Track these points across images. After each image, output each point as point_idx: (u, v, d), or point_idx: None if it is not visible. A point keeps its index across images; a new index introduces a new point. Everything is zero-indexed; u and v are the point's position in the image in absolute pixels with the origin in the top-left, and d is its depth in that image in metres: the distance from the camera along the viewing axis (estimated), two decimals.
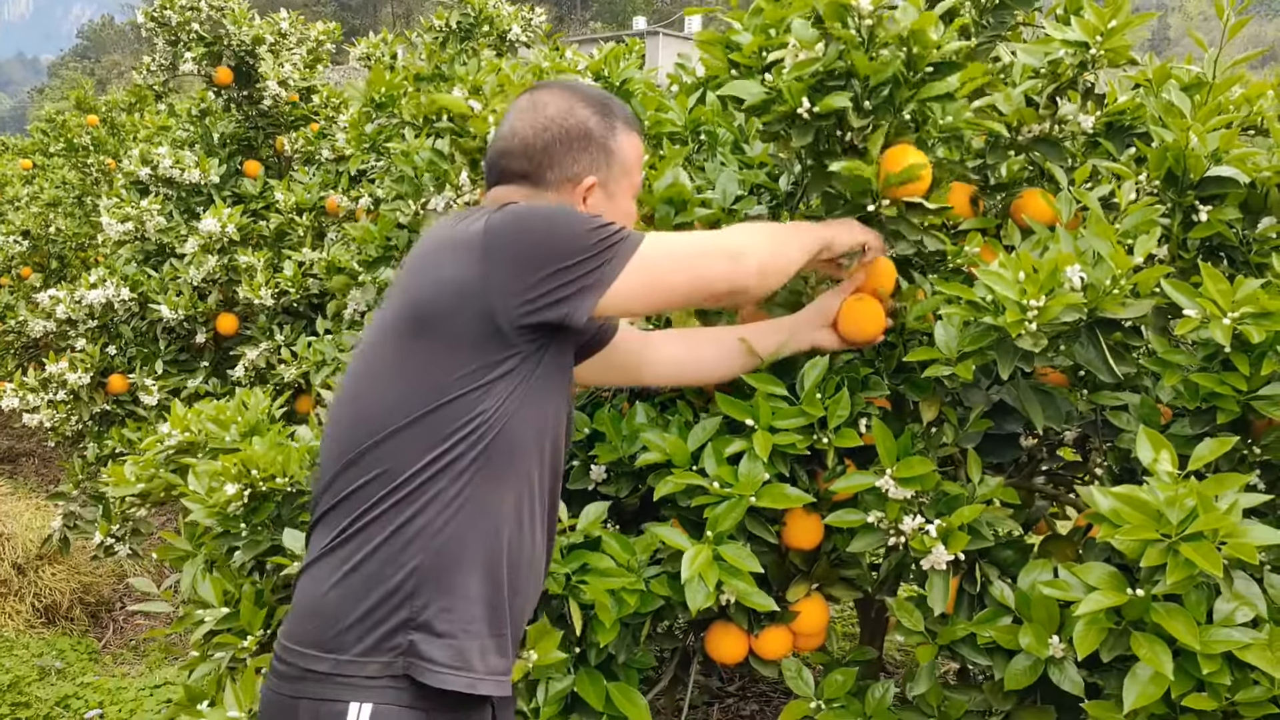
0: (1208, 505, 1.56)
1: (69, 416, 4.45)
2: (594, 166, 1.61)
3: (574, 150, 1.59)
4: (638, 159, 1.67)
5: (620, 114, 1.64)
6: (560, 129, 1.59)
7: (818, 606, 2.09)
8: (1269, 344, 1.74)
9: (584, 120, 1.60)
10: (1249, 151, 2.01)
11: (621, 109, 1.65)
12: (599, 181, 1.61)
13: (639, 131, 1.67)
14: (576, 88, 1.64)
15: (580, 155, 1.59)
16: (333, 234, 4.25)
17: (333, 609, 1.41)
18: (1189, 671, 1.63)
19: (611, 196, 1.63)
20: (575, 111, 1.60)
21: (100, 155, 7.15)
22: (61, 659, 4.17)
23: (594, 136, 1.60)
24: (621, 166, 1.63)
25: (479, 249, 1.43)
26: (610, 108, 1.63)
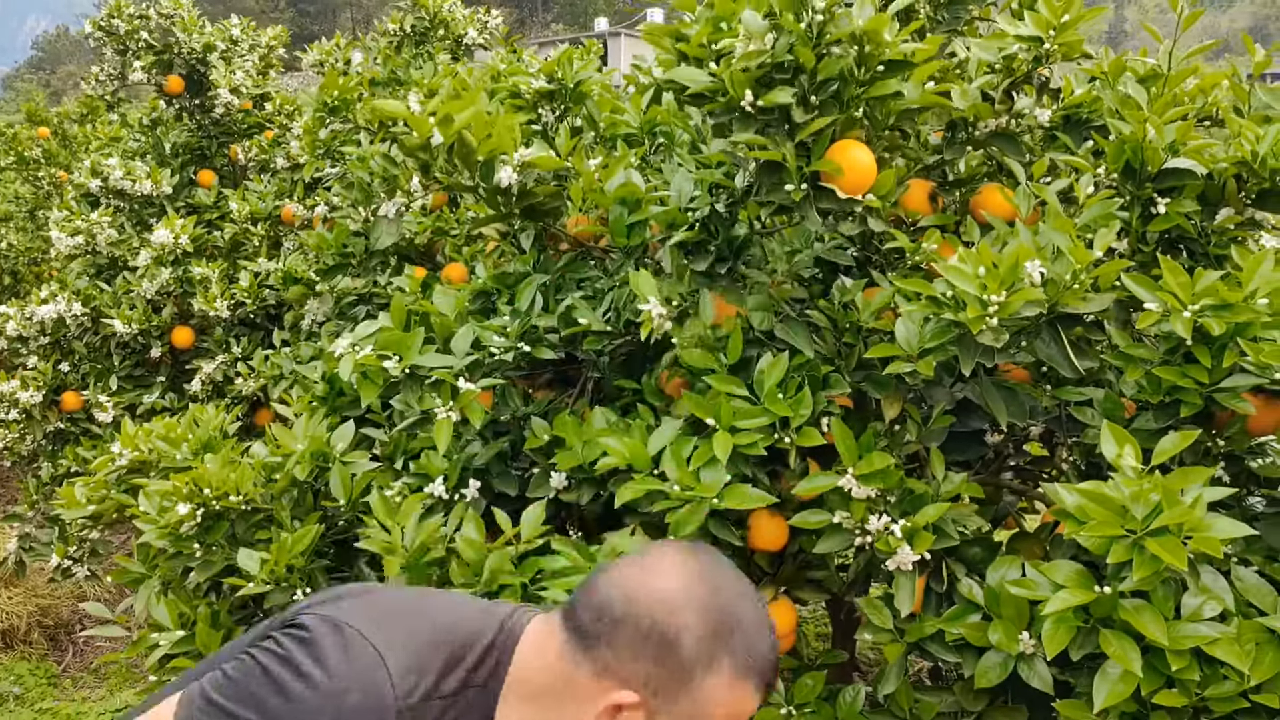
0: (1172, 500, 1.55)
1: (22, 436, 4.34)
2: (650, 686, 1.14)
3: (640, 650, 1.14)
4: (734, 715, 1.17)
5: (739, 651, 1.15)
6: (646, 616, 1.14)
7: (785, 610, 2.06)
8: (1229, 336, 1.73)
9: (680, 627, 1.13)
10: (1206, 143, 2.01)
11: (751, 647, 1.16)
12: (646, 706, 1.14)
13: (761, 683, 1.17)
14: (719, 586, 1.17)
15: (641, 659, 1.14)
16: (289, 244, 4.18)
17: None
18: (1158, 668, 1.62)
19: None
20: (680, 610, 1.14)
21: (52, 168, 7.02)
22: (20, 684, 4.08)
23: (679, 654, 1.13)
24: (695, 712, 1.15)
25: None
26: (732, 637, 1.14)
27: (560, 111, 2.46)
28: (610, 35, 30.17)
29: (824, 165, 1.80)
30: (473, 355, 2.02)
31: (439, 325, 2.13)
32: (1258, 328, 1.72)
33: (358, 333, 2.03)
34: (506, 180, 2.04)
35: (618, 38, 29.99)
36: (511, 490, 2.15)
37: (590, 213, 2.23)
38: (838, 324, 1.99)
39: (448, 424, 1.91)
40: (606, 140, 2.47)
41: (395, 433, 2.24)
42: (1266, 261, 1.74)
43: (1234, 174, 1.98)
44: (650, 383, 2.12)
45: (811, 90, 1.81)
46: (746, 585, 1.19)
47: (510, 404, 2.22)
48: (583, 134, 2.45)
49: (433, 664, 1.16)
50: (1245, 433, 1.87)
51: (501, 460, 2.20)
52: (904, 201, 2.16)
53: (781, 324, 1.98)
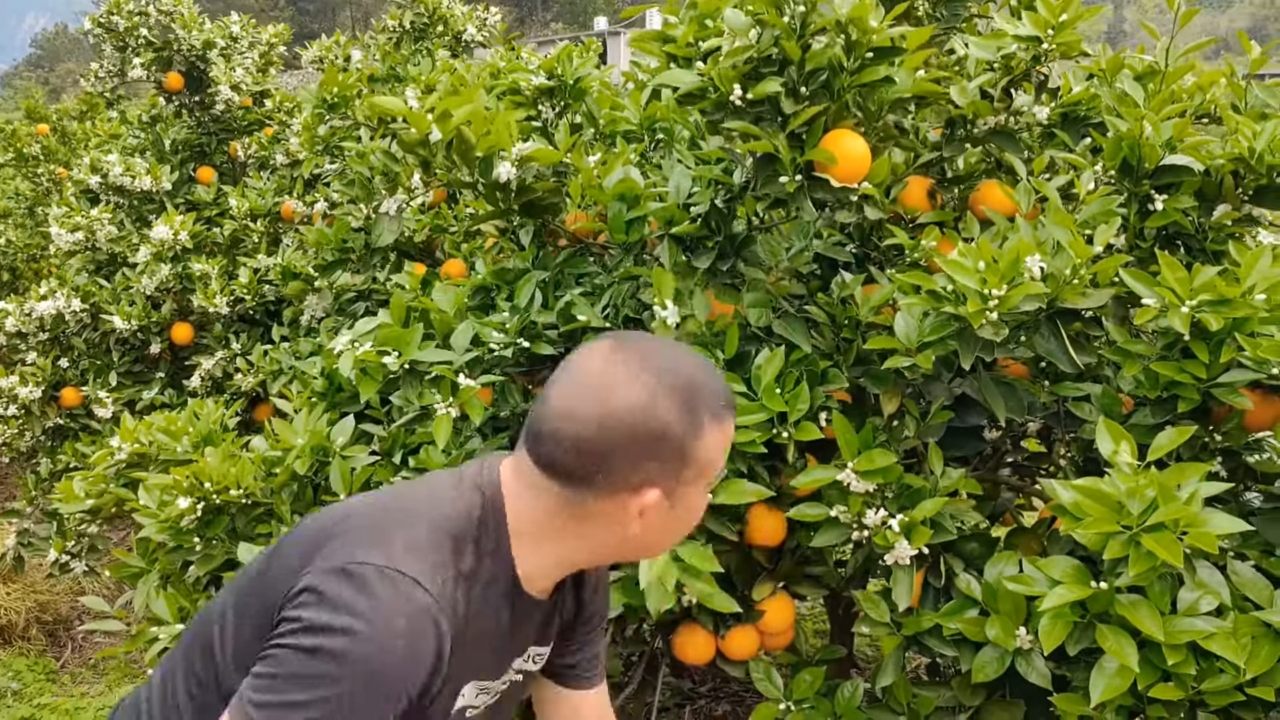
0: (1168, 495, 1.55)
1: (21, 432, 4.34)
2: (663, 474, 1.21)
3: (643, 457, 1.20)
4: (718, 452, 1.27)
5: (712, 404, 1.24)
6: (629, 430, 1.19)
7: (784, 605, 2.07)
8: (1227, 331, 1.74)
9: (664, 422, 1.19)
10: (1203, 139, 2.01)
11: (714, 396, 1.25)
12: (665, 491, 1.22)
13: (731, 410, 1.28)
14: (661, 366, 1.22)
15: (648, 462, 1.20)
16: (288, 240, 4.18)
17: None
18: (1155, 662, 1.63)
19: (676, 502, 1.25)
20: (654, 412, 1.19)
21: (51, 165, 7.01)
22: (18, 680, 4.07)
23: (671, 440, 1.20)
24: (698, 469, 1.24)
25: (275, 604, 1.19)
26: (698, 397, 1.22)
27: (560, 108, 2.46)
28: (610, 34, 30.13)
29: (817, 154, 1.81)
30: (472, 351, 2.02)
31: (438, 321, 2.14)
32: (1255, 323, 1.72)
33: (357, 329, 2.03)
34: (505, 175, 2.05)
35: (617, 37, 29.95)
36: None
37: (589, 209, 2.23)
38: (836, 319, 1.99)
39: (448, 419, 1.91)
40: (606, 137, 2.47)
41: (395, 428, 2.25)
42: (1264, 257, 1.75)
43: (1231, 170, 1.98)
44: None
45: (800, 81, 1.81)
46: (675, 345, 1.28)
47: (510, 400, 2.23)
48: (582, 131, 2.45)
49: (442, 554, 1.18)
50: (1242, 428, 1.88)
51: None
52: (903, 198, 2.17)
53: (779, 319, 1.98)
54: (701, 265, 2.00)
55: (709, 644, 2.05)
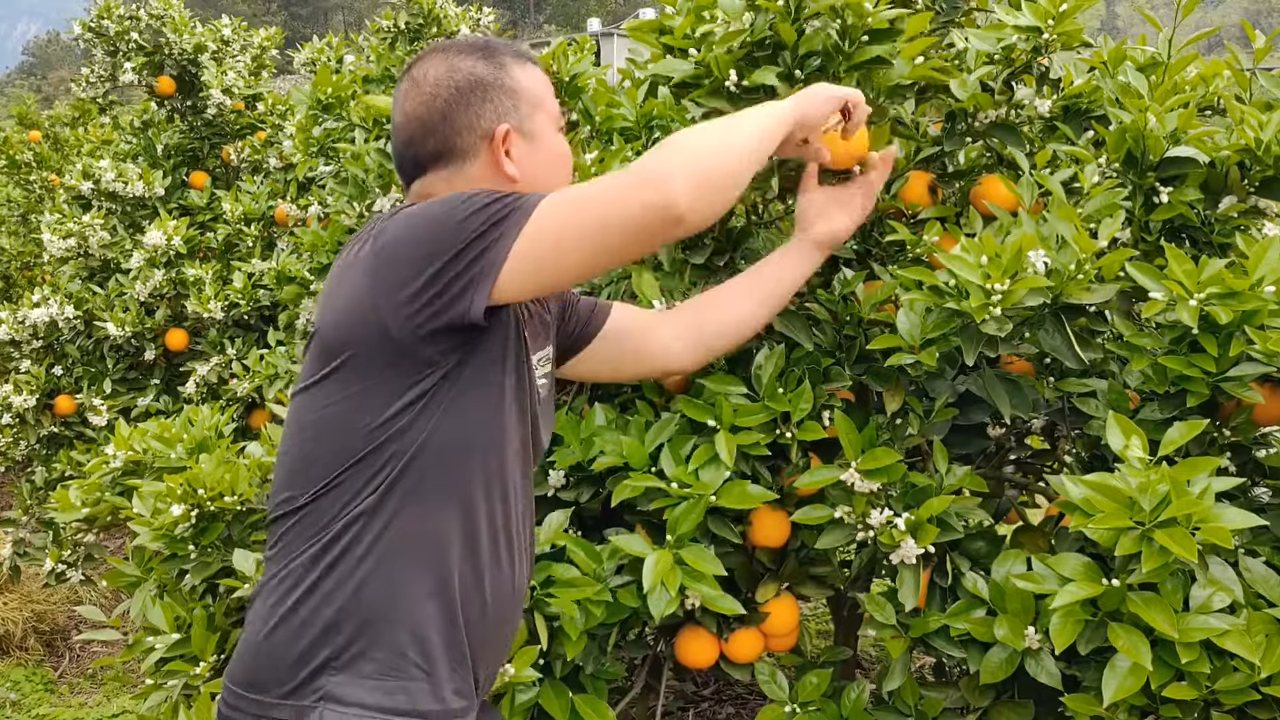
0: (1180, 491, 1.53)
1: (15, 440, 4.31)
2: (501, 113, 1.44)
3: (473, 104, 1.43)
4: (543, 88, 1.50)
5: (506, 50, 1.49)
6: (449, 89, 1.43)
7: (788, 606, 2.04)
8: (1236, 324, 1.71)
9: (470, 70, 1.44)
10: (1208, 130, 1.99)
11: (506, 45, 1.50)
12: (513, 126, 1.45)
13: (532, 60, 1.51)
14: (449, 44, 1.49)
15: (482, 106, 1.44)
16: (283, 244, 4.15)
17: (259, 651, 1.36)
18: (1168, 661, 1.60)
19: (531, 137, 1.47)
20: (457, 66, 1.45)
21: (43, 171, 6.98)
22: (16, 690, 4.04)
23: (487, 82, 1.44)
24: (529, 102, 1.47)
25: (370, 263, 1.31)
26: (493, 47, 1.48)
27: None
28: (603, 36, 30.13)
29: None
30: None
31: None
32: (1265, 315, 1.69)
33: None
34: None
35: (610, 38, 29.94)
36: None
37: None
38: (838, 316, 1.97)
39: None
40: (602, 134, 2.45)
41: None
42: (1273, 249, 1.72)
43: (1237, 161, 1.96)
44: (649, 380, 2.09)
45: (795, 65, 1.80)
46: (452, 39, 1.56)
47: None
48: (579, 128, 2.43)
49: None
50: (1251, 423, 1.85)
51: None
52: (904, 194, 2.14)
53: (780, 317, 1.95)
54: (697, 260, 1.97)
55: (712, 647, 2.02)
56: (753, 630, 2.02)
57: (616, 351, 1.73)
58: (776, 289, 1.78)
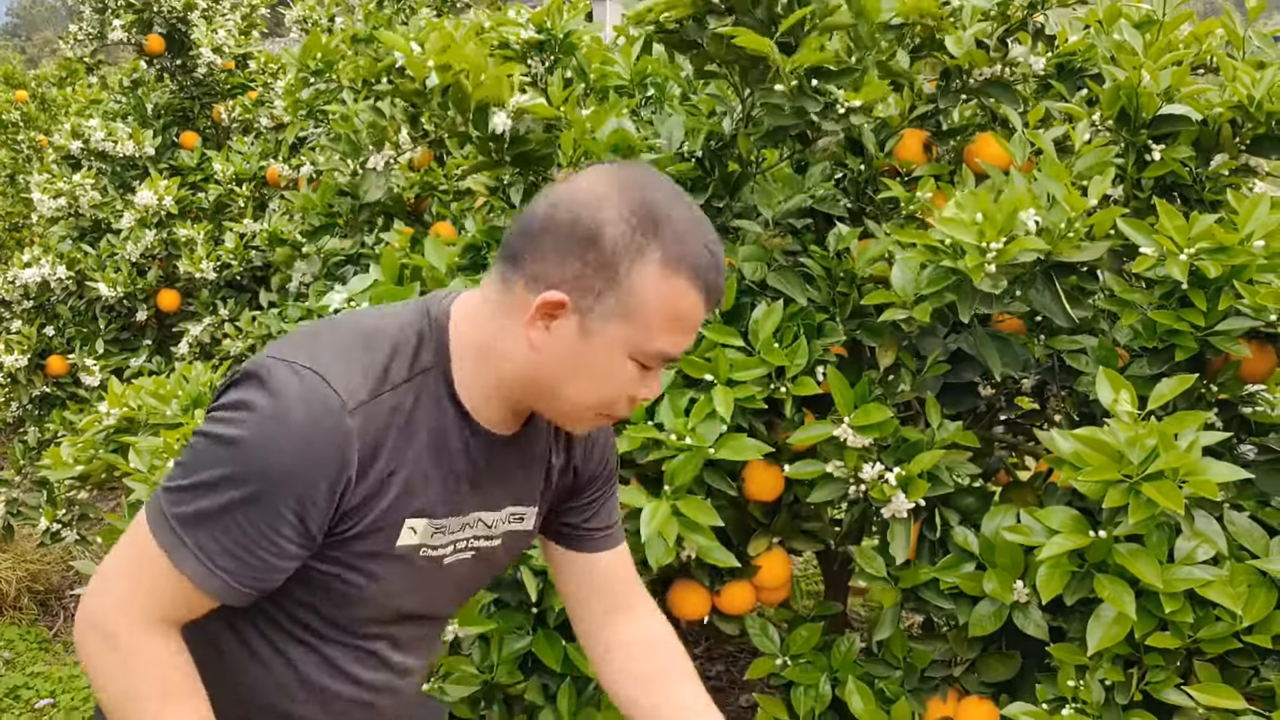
0: (1168, 444, 1.55)
1: (7, 401, 4.31)
2: (578, 285, 1.09)
3: (565, 250, 1.10)
4: (671, 313, 1.11)
5: (669, 243, 1.09)
6: (569, 215, 1.10)
7: (779, 560, 2.06)
8: (1225, 279, 1.73)
9: (603, 220, 1.09)
10: (1201, 88, 1.99)
11: (680, 239, 1.10)
12: (575, 307, 1.10)
13: (699, 283, 1.11)
14: (642, 182, 1.12)
15: (568, 260, 1.09)
16: (274, 205, 4.14)
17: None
18: (1151, 611, 1.63)
19: (590, 338, 1.11)
20: (604, 204, 1.10)
21: (31, 131, 6.91)
22: (10, 649, 4.06)
23: (602, 246, 1.09)
24: (623, 305, 1.10)
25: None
26: (656, 226, 1.09)
27: (550, 63, 2.43)
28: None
29: (807, 56, 1.78)
30: None
31: (431, 279, 2.11)
32: (1253, 270, 1.71)
33: (351, 286, 2.01)
34: (501, 126, 2.02)
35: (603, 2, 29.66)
36: None
37: (581, 163, 2.21)
38: (832, 272, 1.98)
39: None
40: (597, 91, 2.44)
41: None
42: (1262, 205, 1.74)
43: (1229, 119, 1.96)
44: None
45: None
46: (680, 192, 1.15)
47: None
48: (573, 85, 2.42)
49: (371, 362, 1.12)
50: (1238, 379, 1.87)
51: None
52: (898, 151, 2.15)
53: (774, 272, 1.96)
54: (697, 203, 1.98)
55: (705, 600, 2.04)
56: (745, 583, 2.05)
57: (577, 585, 1.45)
58: None
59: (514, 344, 1.14)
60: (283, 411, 1.06)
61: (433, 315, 1.19)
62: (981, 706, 1.88)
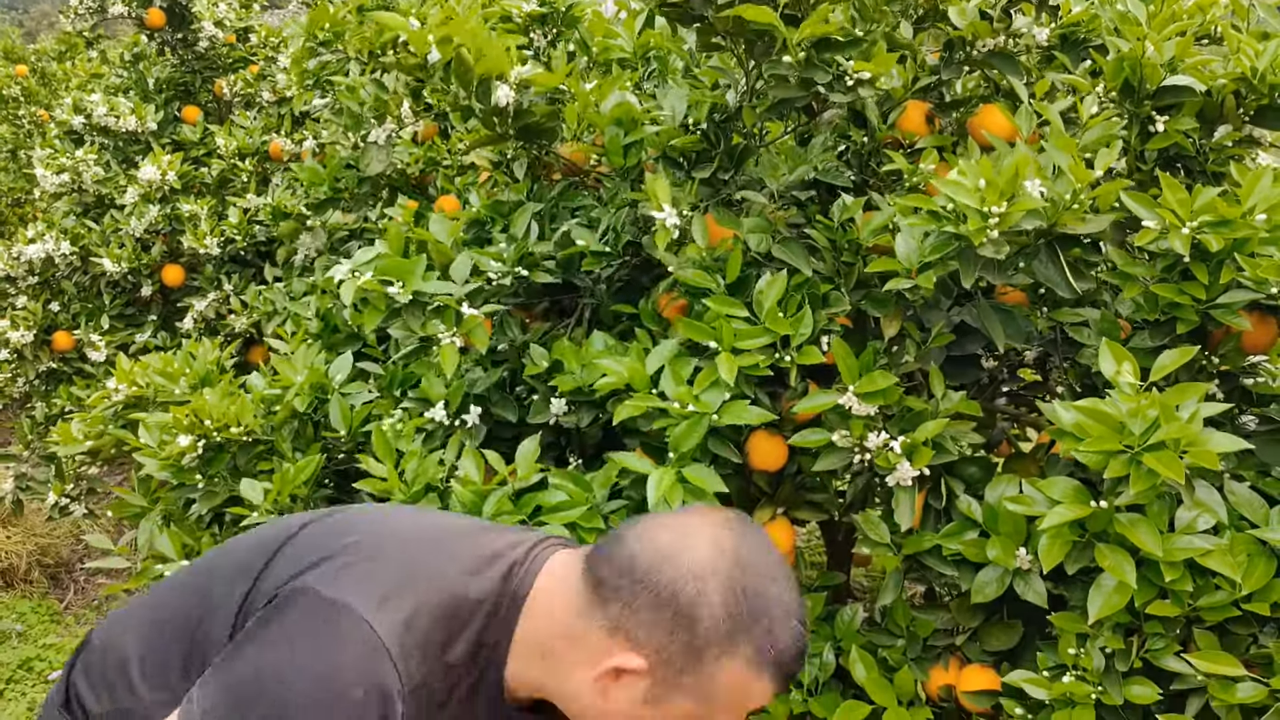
0: (1169, 415, 1.56)
1: (14, 376, 4.32)
2: (659, 656, 1.08)
3: (657, 618, 1.08)
4: (741, 700, 1.11)
5: (761, 640, 1.08)
6: (670, 582, 1.08)
7: (784, 529, 2.08)
8: (1227, 252, 1.74)
9: (701, 609, 1.07)
10: (1205, 59, 1.99)
11: (773, 635, 1.09)
12: (652, 675, 1.09)
13: (779, 678, 1.11)
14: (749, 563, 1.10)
15: (657, 628, 1.07)
16: (278, 179, 4.13)
17: None
18: (1152, 580, 1.65)
19: (657, 705, 1.10)
20: (707, 584, 1.07)
21: (32, 106, 6.89)
22: (22, 622, 4.11)
23: (695, 630, 1.07)
24: (699, 688, 1.08)
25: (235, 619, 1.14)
26: (754, 621, 1.07)
27: (552, 36, 2.43)
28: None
29: (814, 27, 1.79)
30: (473, 282, 2.01)
31: (436, 252, 2.12)
32: (1256, 243, 1.72)
33: (356, 259, 2.02)
34: (504, 99, 2.02)
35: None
36: (512, 416, 2.15)
37: (585, 138, 2.21)
38: (836, 243, 1.99)
39: (453, 349, 1.91)
40: (600, 65, 2.44)
41: (394, 361, 2.25)
42: (1265, 177, 1.74)
43: (1233, 90, 1.96)
44: (648, 307, 2.12)
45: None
46: (782, 567, 1.13)
47: (508, 333, 2.22)
48: (576, 58, 2.42)
49: (437, 634, 1.09)
50: (1239, 350, 1.88)
51: (500, 388, 2.20)
52: (901, 123, 2.15)
53: (779, 244, 1.97)
54: (701, 175, 1.99)
55: None
56: None
57: None
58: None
59: (580, 679, 1.12)
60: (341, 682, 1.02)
61: (514, 588, 1.15)
62: (983, 674, 1.91)
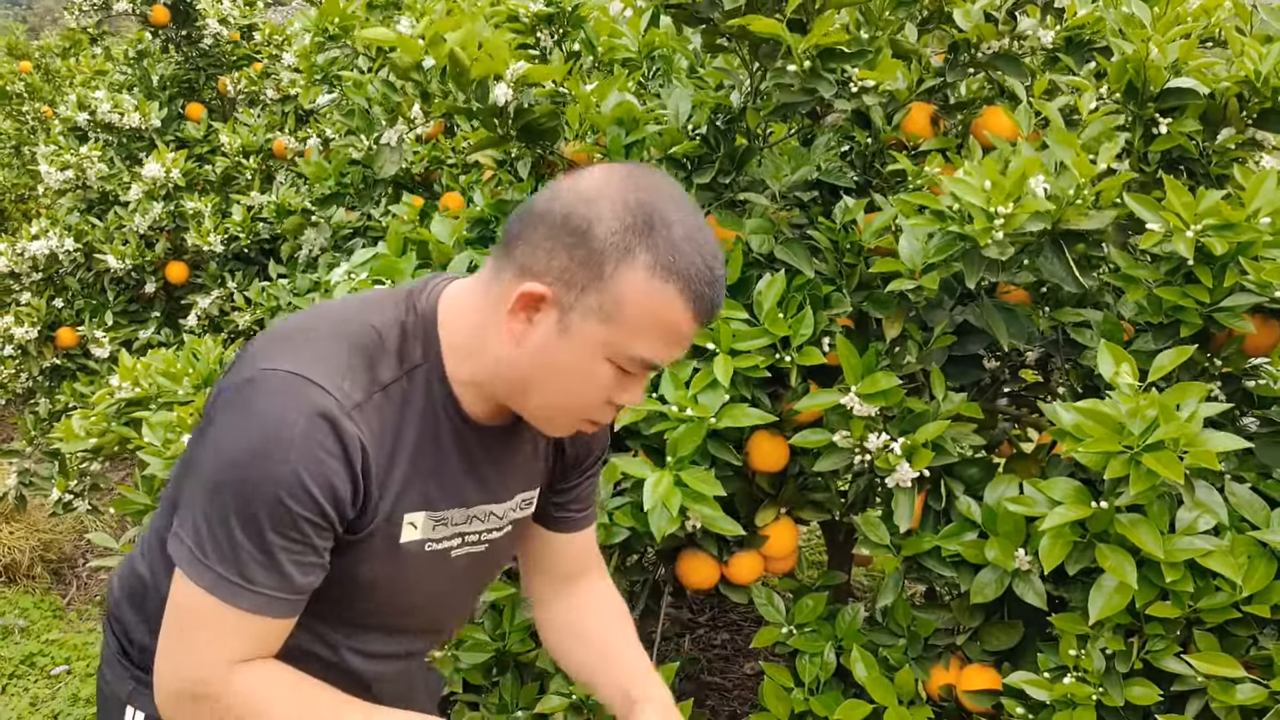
0: (1169, 415, 1.57)
1: (18, 372, 4.33)
2: (562, 279, 1.07)
3: (555, 242, 1.07)
4: (653, 320, 1.08)
5: (661, 248, 1.06)
6: (564, 207, 1.08)
7: (787, 529, 2.09)
8: (1231, 255, 1.74)
9: (596, 216, 1.06)
10: (1208, 62, 1.99)
11: (674, 246, 1.06)
12: (558, 303, 1.08)
13: (687, 293, 1.07)
14: (647, 185, 1.09)
15: (556, 252, 1.07)
16: (281, 177, 4.14)
17: None
18: (1152, 581, 1.66)
19: (569, 335, 1.09)
20: (600, 200, 1.07)
21: (35, 102, 6.90)
22: (25, 617, 4.12)
23: (591, 243, 1.06)
24: (604, 304, 1.07)
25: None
26: (651, 229, 1.06)
27: (559, 36, 2.43)
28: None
29: (819, 36, 1.79)
30: None
31: (436, 251, 2.13)
32: (1260, 247, 1.72)
33: (354, 260, 2.03)
34: (503, 98, 2.03)
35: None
36: None
37: (587, 138, 2.22)
38: (839, 244, 1.99)
39: None
40: (604, 65, 2.44)
41: None
42: (1269, 181, 1.74)
43: (1236, 93, 1.96)
44: None
45: None
46: (684, 197, 1.11)
47: None
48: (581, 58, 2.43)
49: (355, 359, 1.12)
50: (1242, 353, 1.89)
51: None
52: (905, 125, 2.15)
53: (781, 245, 1.98)
54: (702, 180, 1.99)
55: (713, 569, 2.07)
56: (753, 553, 2.07)
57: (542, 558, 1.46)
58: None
59: (497, 337, 1.13)
60: (284, 421, 1.06)
61: (419, 309, 1.17)
62: (984, 674, 1.91)
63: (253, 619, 1.09)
